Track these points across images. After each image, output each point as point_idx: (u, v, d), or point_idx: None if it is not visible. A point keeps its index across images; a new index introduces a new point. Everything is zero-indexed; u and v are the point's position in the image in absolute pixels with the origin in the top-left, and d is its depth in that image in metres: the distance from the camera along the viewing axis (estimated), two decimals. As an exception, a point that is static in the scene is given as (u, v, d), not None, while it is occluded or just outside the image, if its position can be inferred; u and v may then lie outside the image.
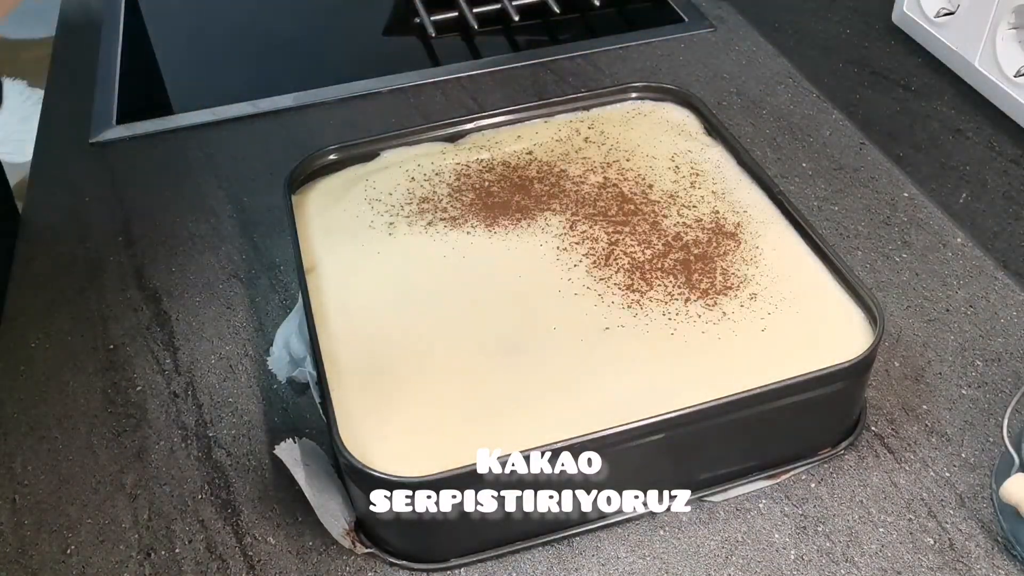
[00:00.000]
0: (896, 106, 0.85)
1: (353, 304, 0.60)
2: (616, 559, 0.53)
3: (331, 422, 0.51)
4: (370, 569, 0.53)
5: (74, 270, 0.72)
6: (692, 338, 0.56)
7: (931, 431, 0.58)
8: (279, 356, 0.63)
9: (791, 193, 0.73)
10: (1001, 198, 0.75)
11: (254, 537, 0.55)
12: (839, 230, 0.72)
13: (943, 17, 0.87)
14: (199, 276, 0.71)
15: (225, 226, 0.75)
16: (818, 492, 0.56)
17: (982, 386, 0.61)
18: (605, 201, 0.66)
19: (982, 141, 0.80)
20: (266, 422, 0.61)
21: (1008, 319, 0.65)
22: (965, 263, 0.69)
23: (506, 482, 0.50)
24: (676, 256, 0.62)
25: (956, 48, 0.86)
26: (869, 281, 0.67)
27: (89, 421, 0.61)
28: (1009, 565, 0.52)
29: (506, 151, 0.71)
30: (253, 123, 0.86)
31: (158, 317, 0.68)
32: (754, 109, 0.85)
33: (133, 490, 0.57)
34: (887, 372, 0.62)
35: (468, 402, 0.54)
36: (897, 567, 0.52)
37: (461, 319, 0.58)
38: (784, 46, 0.93)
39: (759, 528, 0.54)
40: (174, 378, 0.64)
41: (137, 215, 0.77)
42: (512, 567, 0.53)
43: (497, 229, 0.65)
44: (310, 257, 0.63)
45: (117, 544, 0.55)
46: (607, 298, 0.59)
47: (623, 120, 0.74)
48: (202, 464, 0.59)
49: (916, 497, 0.55)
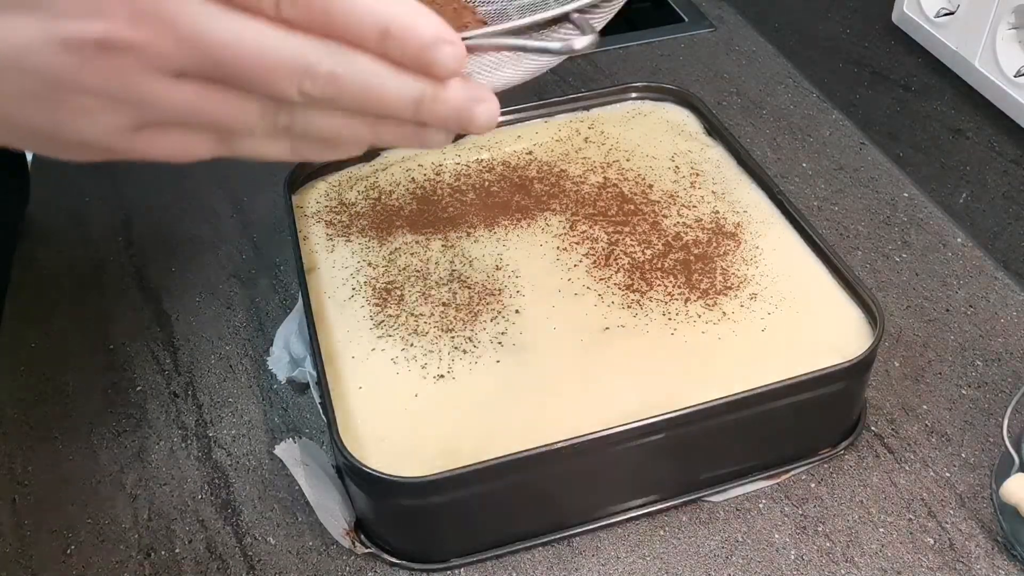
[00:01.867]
0: (896, 106, 0.85)
1: (353, 304, 0.60)
2: (616, 559, 0.53)
3: (331, 422, 0.51)
4: (370, 569, 0.53)
5: (74, 270, 0.72)
6: (692, 338, 0.56)
7: (931, 431, 0.58)
8: (279, 356, 0.63)
9: (791, 193, 0.73)
10: (1001, 198, 0.75)
11: (254, 537, 0.55)
12: (839, 230, 0.72)
13: (943, 17, 0.87)
14: (199, 276, 0.71)
15: (225, 226, 0.75)
16: (818, 492, 0.56)
17: (982, 386, 0.61)
18: (605, 201, 0.66)
19: (982, 141, 0.80)
20: (266, 422, 0.61)
21: (1008, 319, 0.65)
22: (965, 263, 0.69)
23: (506, 482, 0.50)
24: (676, 256, 0.62)
25: (956, 48, 0.86)
26: (869, 281, 0.67)
27: (89, 421, 0.61)
28: (1009, 565, 0.52)
29: (506, 151, 0.71)
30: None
31: (158, 317, 0.68)
32: (754, 109, 0.85)
33: (133, 490, 0.57)
34: (887, 372, 0.62)
35: (468, 402, 0.54)
36: (897, 567, 0.52)
37: (461, 319, 0.58)
38: (784, 46, 0.93)
39: (759, 528, 0.54)
40: (174, 378, 0.64)
41: (137, 215, 0.77)
42: (512, 567, 0.53)
43: (497, 229, 0.65)
44: (310, 257, 0.63)
45: (117, 544, 0.55)
46: (607, 298, 0.59)
47: (623, 120, 0.74)
48: (202, 464, 0.59)
49: (916, 497, 0.55)
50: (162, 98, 0.29)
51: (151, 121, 0.30)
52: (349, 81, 0.30)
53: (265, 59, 0.29)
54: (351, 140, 0.33)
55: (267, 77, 0.29)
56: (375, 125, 0.32)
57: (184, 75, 0.29)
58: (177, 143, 0.31)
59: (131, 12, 0.27)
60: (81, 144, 0.30)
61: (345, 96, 0.30)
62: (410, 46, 0.30)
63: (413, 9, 0.30)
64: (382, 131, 0.32)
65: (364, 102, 0.31)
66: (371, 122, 0.32)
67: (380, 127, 0.32)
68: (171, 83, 0.29)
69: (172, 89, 0.29)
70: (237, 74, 0.29)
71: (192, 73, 0.29)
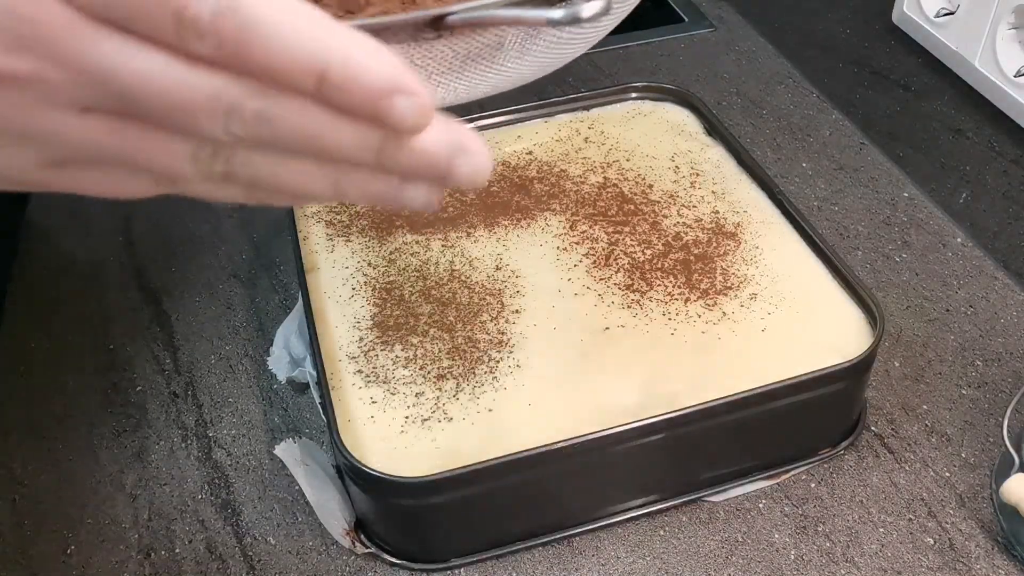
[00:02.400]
0: (896, 106, 0.85)
1: (353, 304, 0.60)
2: (616, 559, 0.53)
3: (331, 422, 0.51)
4: (370, 569, 0.53)
5: (74, 270, 0.72)
6: (692, 338, 0.56)
7: (931, 431, 0.58)
8: (279, 356, 0.63)
9: (791, 193, 0.73)
10: (1001, 198, 0.75)
11: (254, 537, 0.55)
12: (839, 230, 0.72)
13: (943, 17, 0.87)
14: (199, 276, 0.71)
15: (225, 226, 0.75)
16: (818, 492, 0.56)
17: (982, 386, 0.61)
18: (605, 201, 0.66)
19: (982, 141, 0.80)
20: (266, 422, 0.61)
21: (1008, 319, 0.65)
22: (965, 263, 0.69)
23: (506, 482, 0.50)
24: (676, 256, 0.62)
25: (956, 48, 0.86)
26: (869, 281, 0.67)
27: (89, 421, 0.61)
28: (1009, 565, 0.52)
29: (506, 151, 0.71)
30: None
31: (158, 317, 0.68)
32: (754, 109, 0.85)
33: (133, 490, 0.57)
34: (887, 372, 0.62)
35: (467, 402, 0.54)
36: (897, 567, 0.52)
37: (461, 319, 0.58)
38: (784, 46, 0.93)
39: (759, 528, 0.54)
40: (174, 378, 0.64)
41: (137, 215, 0.77)
42: (512, 567, 0.53)
43: (497, 229, 0.65)
44: (310, 257, 0.63)
45: (117, 544, 0.55)
46: (607, 298, 0.59)
47: (623, 120, 0.74)
48: (202, 464, 0.59)
49: (916, 497, 0.55)
50: (66, 134, 0.25)
51: (63, 158, 0.26)
52: (285, 125, 0.25)
53: (177, 96, 0.24)
54: (306, 190, 0.27)
55: (184, 116, 0.25)
56: (337, 174, 0.27)
57: (91, 111, 0.25)
58: (105, 181, 0.27)
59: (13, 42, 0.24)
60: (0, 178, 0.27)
61: (284, 140, 0.25)
62: (355, 97, 0.24)
63: (358, 47, 0.24)
64: (348, 182, 0.27)
65: (308, 148, 0.26)
66: (332, 170, 0.27)
67: (344, 177, 0.27)
68: (76, 119, 0.25)
69: (78, 126, 0.25)
70: (150, 111, 0.25)
71: (102, 108, 0.25)
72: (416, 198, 0.28)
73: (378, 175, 0.27)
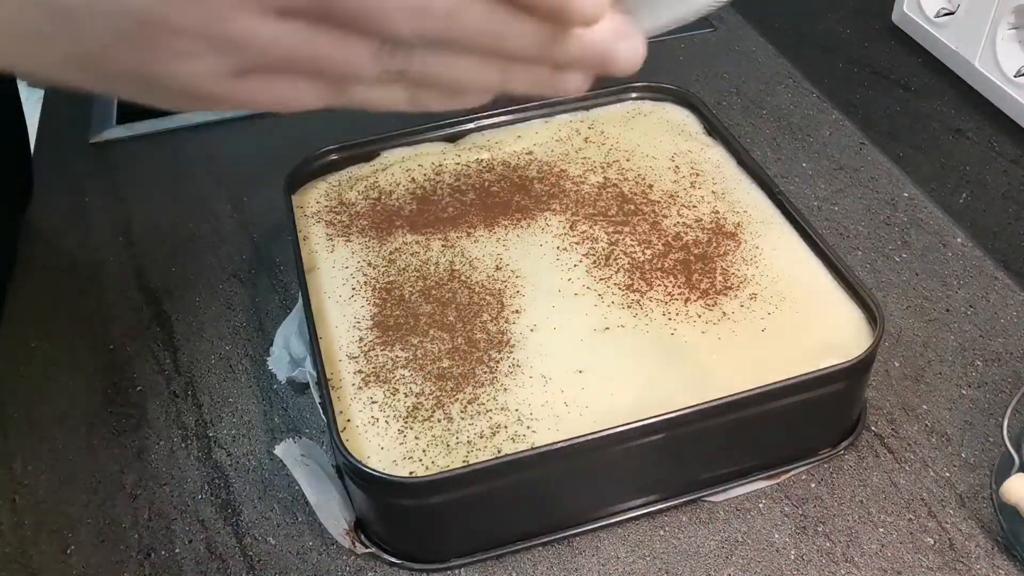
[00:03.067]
0: (896, 106, 0.85)
1: (353, 304, 0.60)
2: (616, 559, 0.53)
3: (331, 422, 0.51)
4: (370, 569, 0.53)
5: (74, 270, 0.72)
6: (692, 338, 0.56)
7: (931, 431, 0.58)
8: (279, 356, 0.63)
9: (791, 193, 0.73)
10: (1001, 198, 0.75)
11: (254, 537, 0.55)
12: (839, 230, 0.72)
13: (943, 17, 0.87)
14: (199, 276, 0.71)
15: (225, 226, 0.75)
16: (818, 492, 0.56)
17: (982, 386, 0.61)
18: (605, 201, 0.66)
19: (982, 141, 0.80)
20: (266, 422, 0.61)
21: (1008, 319, 0.65)
22: (965, 263, 0.69)
23: (506, 482, 0.50)
24: (676, 256, 0.62)
25: (956, 48, 0.86)
26: (869, 281, 0.67)
27: (89, 421, 0.61)
28: (1009, 565, 0.52)
29: (506, 151, 0.71)
30: (253, 123, 0.86)
31: (158, 317, 0.68)
32: (754, 109, 0.85)
33: (133, 490, 0.57)
34: (887, 372, 0.62)
35: (467, 402, 0.54)
36: (897, 567, 0.52)
37: (461, 319, 0.58)
38: (784, 46, 0.93)
39: (759, 528, 0.54)
40: (174, 378, 0.64)
41: (137, 215, 0.77)
42: (512, 567, 0.53)
43: (497, 229, 0.65)
44: (310, 257, 0.63)
45: (117, 544, 0.55)
46: (607, 298, 0.59)
47: (623, 120, 0.74)
48: (202, 464, 0.59)
49: (916, 497, 0.55)
50: (262, 39, 0.26)
51: (253, 65, 0.27)
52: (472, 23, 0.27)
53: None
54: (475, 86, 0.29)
55: (379, 15, 0.26)
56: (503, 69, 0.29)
57: (287, 14, 0.26)
58: (283, 90, 0.28)
59: None
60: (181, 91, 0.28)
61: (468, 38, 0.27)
62: None
63: None
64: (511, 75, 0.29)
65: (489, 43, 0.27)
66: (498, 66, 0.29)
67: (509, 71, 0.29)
68: (272, 23, 0.26)
69: (274, 29, 0.26)
70: (346, 12, 0.26)
71: (296, 12, 0.26)
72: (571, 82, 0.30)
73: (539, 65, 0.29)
